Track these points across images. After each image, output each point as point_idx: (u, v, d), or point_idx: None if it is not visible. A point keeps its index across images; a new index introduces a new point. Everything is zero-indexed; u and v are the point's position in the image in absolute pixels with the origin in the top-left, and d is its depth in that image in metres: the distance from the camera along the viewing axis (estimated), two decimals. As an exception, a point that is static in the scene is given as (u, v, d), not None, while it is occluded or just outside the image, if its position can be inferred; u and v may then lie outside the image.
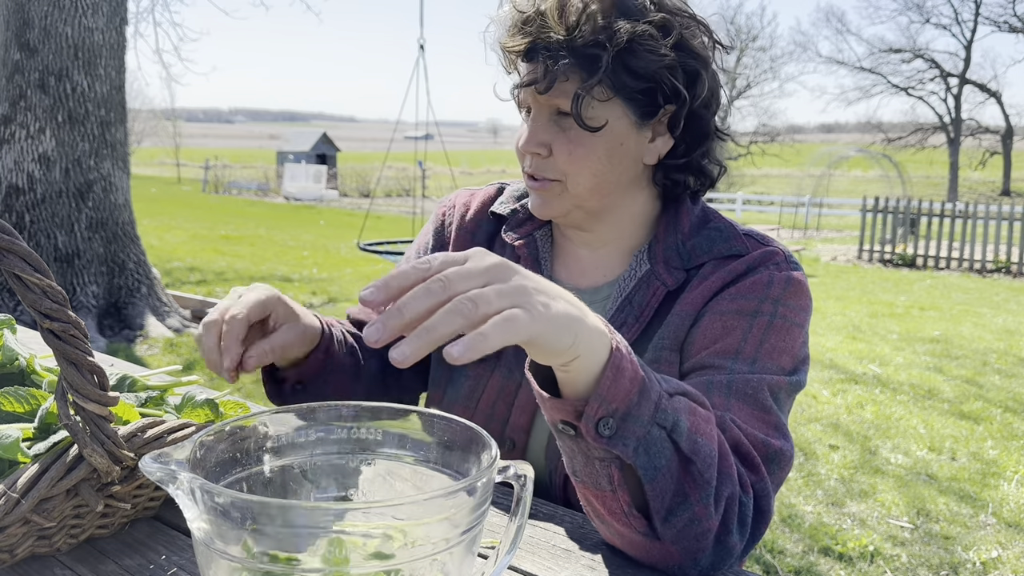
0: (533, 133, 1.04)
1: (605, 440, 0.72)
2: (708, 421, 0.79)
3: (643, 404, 0.73)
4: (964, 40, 37.01)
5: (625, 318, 1.07)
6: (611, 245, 1.13)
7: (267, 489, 0.70)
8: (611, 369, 0.70)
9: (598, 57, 0.97)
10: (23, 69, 5.76)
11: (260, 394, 4.67)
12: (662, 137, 1.06)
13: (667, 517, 0.77)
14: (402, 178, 30.17)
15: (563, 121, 1.03)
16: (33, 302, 0.69)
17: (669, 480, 0.75)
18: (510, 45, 1.02)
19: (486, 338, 0.60)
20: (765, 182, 39.54)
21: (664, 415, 0.74)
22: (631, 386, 0.72)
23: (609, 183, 1.06)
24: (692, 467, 0.76)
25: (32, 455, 0.78)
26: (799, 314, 1.01)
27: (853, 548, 3.00)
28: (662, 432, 0.74)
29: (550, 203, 1.07)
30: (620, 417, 0.72)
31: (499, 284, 0.64)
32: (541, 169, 1.05)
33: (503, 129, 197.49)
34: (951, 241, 12.30)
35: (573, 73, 0.98)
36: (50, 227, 5.86)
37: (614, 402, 0.71)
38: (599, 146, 1.02)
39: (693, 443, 0.76)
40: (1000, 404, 4.93)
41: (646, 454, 0.74)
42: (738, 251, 1.06)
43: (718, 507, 0.79)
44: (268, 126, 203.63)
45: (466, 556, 0.62)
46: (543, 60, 0.99)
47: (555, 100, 1.01)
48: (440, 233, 1.24)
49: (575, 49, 0.97)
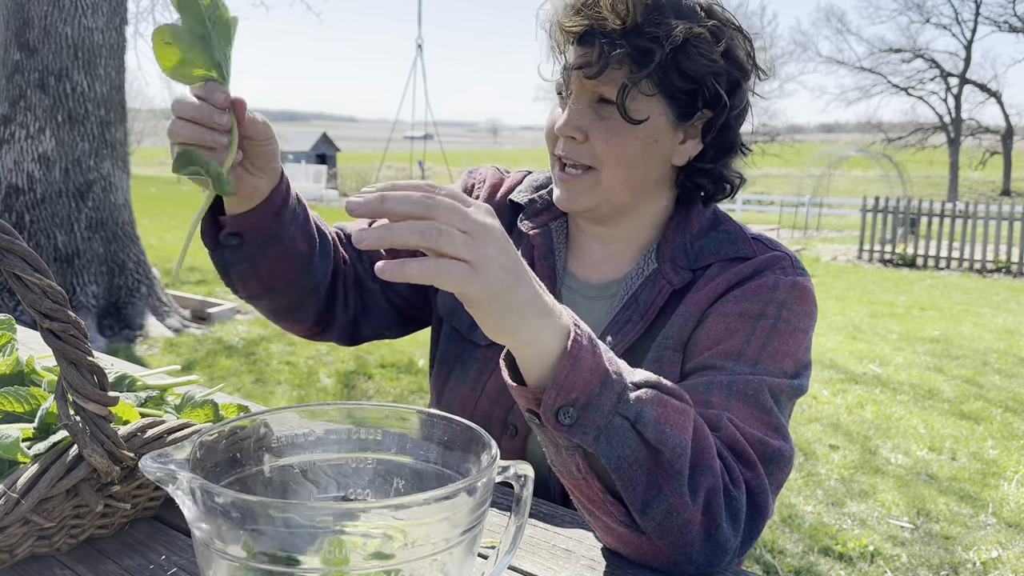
0: (571, 117, 1.04)
1: (565, 429, 0.74)
2: (682, 413, 0.80)
3: (604, 394, 0.75)
4: (964, 40, 37.03)
5: (630, 315, 1.07)
6: (624, 242, 1.14)
7: (267, 489, 0.70)
8: (568, 359, 0.73)
9: (652, 51, 0.98)
10: (23, 69, 5.75)
11: (260, 394, 4.67)
12: (692, 140, 1.07)
13: (644, 509, 0.78)
14: (402, 178, 30.18)
15: (603, 109, 1.03)
16: (33, 302, 0.69)
17: (638, 470, 0.77)
18: (568, 24, 1.01)
19: (423, 267, 0.66)
20: (765, 182, 39.57)
21: (626, 406, 0.76)
22: (591, 376, 0.74)
23: (639, 179, 1.06)
24: (661, 457, 0.77)
25: (32, 455, 0.78)
26: (803, 319, 1.01)
27: (853, 548, 3.00)
28: (624, 422, 0.76)
29: (580, 196, 1.07)
30: (580, 407, 0.74)
31: (474, 240, 0.68)
32: (574, 154, 1.05)
33: (503, 129, 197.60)
34: (951, 241, 12.29)
35: (624, 63, 0.99)
36: (50, 227, 5.86)
37: (573, 391, 0.74)
38: (636, 139, 1.03)
39: (660, 433, 0.77)
40: (1000, 404, 4.93)
41: (608, 443, 0.75)
42: (745, 254, 1.07)
43: (695, 498, 0.79)
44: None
45: (466, 556, 0.62)
46: (598, 45, 0.99)
47: (601, 87, 1.01)
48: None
49: (631, 40, 0.98)
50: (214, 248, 1.04)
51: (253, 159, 0.97)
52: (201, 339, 5.90)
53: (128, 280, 6.16)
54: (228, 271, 1.06)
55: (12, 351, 0.99)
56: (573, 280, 1.15)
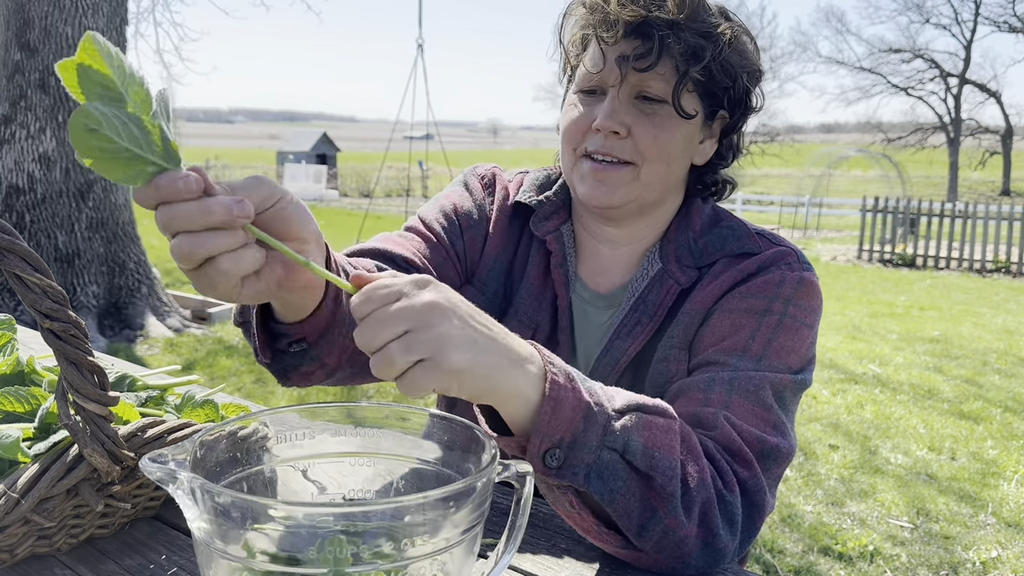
0: (615, 111, 1.01)
1: (554, 472, 0.73)
2: (667, 431, 0.79)
3: (589, 430, 0.74)
4: (964, 40, 37.01)
5: (639, 318, 1.07)
6: (632, 244, 1.13)
7: (267, 489, 0.70)
8: (549, 403, 0.72)
9: (703, 47, 0.98)
10: (23, 69, 5.75)
11: (260, 394, 4.67)
12: (709, 141, 1.08)
13: (640, 532, 0.78)
14: (402, 178, 30.18)
15: (643, 105, 1.02)
16: (33, 302, 0.69)
17: (631, 499, 0.76)
18: (625, 15, 0.98)
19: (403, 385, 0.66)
20: (765, 182, 39.53)
21: (613, 437, 0.75)
22: (573, 414, 0.73)
23: (674, 176, 1.06)
24: (654, 483, 0.77)
25: (32, 455, 0.78)
26: (809, 315, 1.01)
27: (853, 548, 3.00)
28: (613, 455, 0.75)
29: (617, 190, 1.04)
30: (567, 446, 0.73)
31: (415, 333, 0.66)
32: (615, 150, 1.03)
33: (503, 129, 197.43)
34: (951, 241, 12.29)
35: (675, 57, 0.98)
36: (50, 227, 5.86)
37: (557, 433, 0.72)
38: (681, 136, 1.03)
39: (650, 459, 0.76)
40: (1000, 404, 4.93)
41: (599, 479, 0.74)
42: (750, 250, 1.06)
43: (690, 515, 0.79)
44: (268, 126, 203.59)
45: (466, 556, 0.62)
46: (657, 36, 0.97)
47: (647, 81, 1.00)
48: (482, 208, 1.18)
49: (681, 34, 0.97)
50: (271, 359, 0.88)
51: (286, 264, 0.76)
52: (201, 339, 5.90)
53: (128, 280, 6.16)
54: (289, 373, 0.90)
55: (12, 351, 0.99)
56: (584, 289, 1.14)
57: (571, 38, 1.08)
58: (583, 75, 1.05)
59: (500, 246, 1.16)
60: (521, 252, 1.16)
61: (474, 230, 1.16)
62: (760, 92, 1.08)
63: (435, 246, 1.13)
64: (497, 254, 1.15)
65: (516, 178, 1.24)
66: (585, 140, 1.05)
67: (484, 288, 1.15)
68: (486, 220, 1.17)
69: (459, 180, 1.24)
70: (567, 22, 1.09)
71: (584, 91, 1.05)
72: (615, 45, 1.00)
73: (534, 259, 1.14)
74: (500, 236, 1.16)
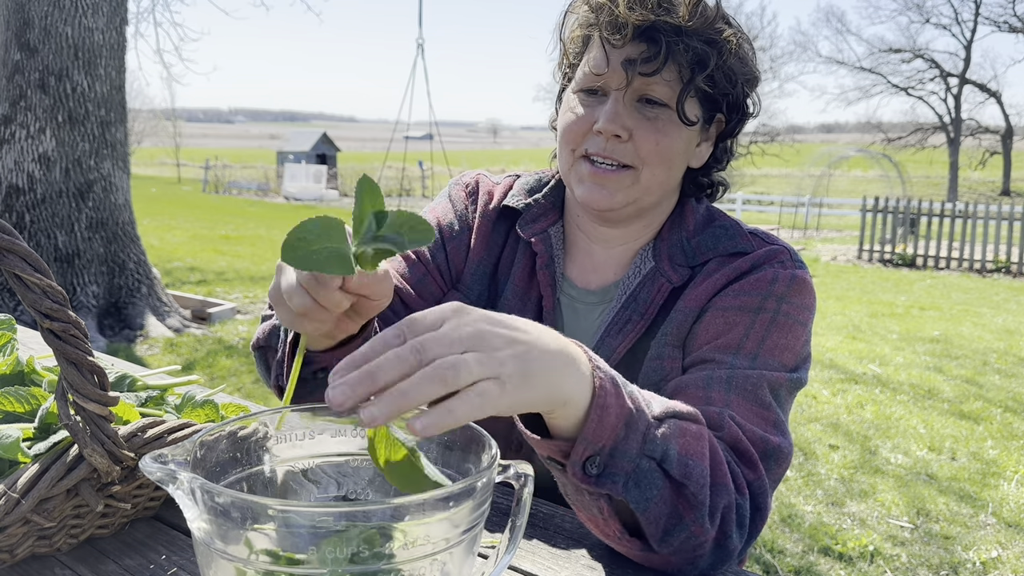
0: (617, 115, 1.01)
1: (593, 480, 0.72)
2: (699, 438, 0.79)
3: (630, 437, 0.72)
4: (964, 40, 37.00)
5: (630, 315, 1.07)
6: (627, 244, 1.13)
7: (267, 489, 0.70)
8: (596, 410, 0.69)
9: (708, 53, 0.98)
10: (23, 69, 5.75)
11: (260, 394, 4.67)
12: (705, 144, 1.09)
13: (663, 538, 0.77)
14: (402, 178, 30.18)
15: (645, 108, 1.02)
16: (33, 302, 0.69)
17: (663, 507, 0.75)
18: (634, 18, 0.97)
19: (452, 414, 0.58)
20: (765, 182, 39.55)
21: (653, 446, 0.74)
22: (617, 421, 0.71)
23: (672, 180, 1.07)
24: (686, 491, 0.76)
25: (32, 455, 0.78)
26: (802, 312, 1.01)
27: (853, 548, 3.00)
28: (651, 463, 0.74)
29: (616, 193, 1.04)
30: (608, 454, 0.71)
31: (481, 351, 0.61)
32: (616, 153, 1.02)
33: (503, 129, 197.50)
34: (951, 241, 12.29)
35: (679, 63, 0.99)
36: (50, 227, 5.86)
37: (600, 441, 0.70)
38: (681, 140, 1.03)
39: (684, 467, 0.75)
40: (1000, 404, 4.93)
41: (636, 487, 0.73)
42: (743, 248, 1.06)
43: (714, 521, 0.79)
44: (268, 126, 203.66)
45: (466, 556, 0.62)
46: (664, 41, 0.97)
47: (650, 85, 1.00)
48: (464, 217, 1.19)
49: (687, 39, 0.98)
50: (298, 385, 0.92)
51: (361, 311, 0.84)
52: (201, 339, 5.90)
53: (128, 280, 6.16)
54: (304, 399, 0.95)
55: (12, 351, 0.99)
56: (572, 287, 1.15)
57: (571, 35, 1.08)
58: (585, 75, 1.04)
59: (484, 250, 1.16)
60: (507, 255, 1.16)
61: (456, 240, 1.16)
62: (756, 98, 1.09)
63: (414, 263, 1.14)
64: (480, 258, 1.16)
65: (505, 181, 1.22)
66: (585, 141, 1.04)
67: (468, 291, 1.15)
68: (468, 229, 1.18)
69: (444, 192, 1.24)
70: (568, 19, 1.08)
71: (584, 91, 1.05)
72: (621, 48, 1.00)
73: (520, 261, 1.14)
74: (483, 240, 1.16)
